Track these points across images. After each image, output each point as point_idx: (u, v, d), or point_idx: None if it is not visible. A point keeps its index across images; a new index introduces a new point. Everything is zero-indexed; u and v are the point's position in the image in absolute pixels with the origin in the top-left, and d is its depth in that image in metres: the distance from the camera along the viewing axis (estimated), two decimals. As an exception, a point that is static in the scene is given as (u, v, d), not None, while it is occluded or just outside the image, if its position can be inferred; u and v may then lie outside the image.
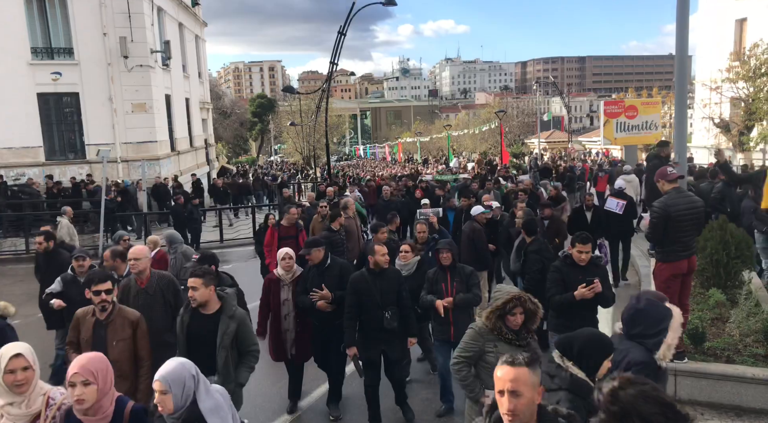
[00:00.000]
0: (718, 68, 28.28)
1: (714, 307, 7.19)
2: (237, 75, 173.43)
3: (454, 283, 5.92)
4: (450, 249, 6.00)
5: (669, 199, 5.83)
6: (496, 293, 4.29)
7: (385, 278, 5.86)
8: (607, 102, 29.73)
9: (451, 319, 5.87)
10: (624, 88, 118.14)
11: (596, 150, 45.15)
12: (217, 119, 47.23)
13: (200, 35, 32.50)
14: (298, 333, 6.34)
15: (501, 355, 3.68)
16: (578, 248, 5.54)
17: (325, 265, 6.21)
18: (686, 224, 5.79)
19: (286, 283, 6.32)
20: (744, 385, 5.68)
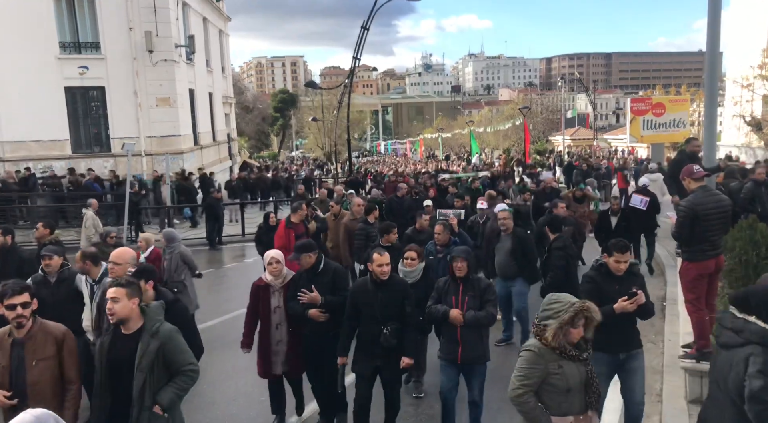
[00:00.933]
0: (750, 65, 27.64)
1: (742, 309, 7.00)
2: (259, 70, 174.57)
3: (466, 298, 5.29)
4: (466, 258, 5.35)
5: (696, 198, 5.69)
6: (554, 304, 3.69)
7: (390, 289, 5.28)
8: (633, 99, 29.21)
9: (459, 338, 5.29)
10: (651, 85, 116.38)
11: (622, 148, 44.51)
12: (240, 114, 47.60)
13: (224, 30, 32.73)
14: (291, 345, 5.75)
15: (567, 375, 3.57)
16: (615, 258, 4.95)
17: (317, 270, 5.71)
18: (714, 223, 5.65)
19: (276, 289, 5.78)
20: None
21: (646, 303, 4.88)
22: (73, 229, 17.13)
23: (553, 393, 3.61)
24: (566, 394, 3.59)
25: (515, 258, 7.67)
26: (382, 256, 5.24)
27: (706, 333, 5.81)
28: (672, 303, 8.69)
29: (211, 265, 14.66)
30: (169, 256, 8.19)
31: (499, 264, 7.86)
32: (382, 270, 5.22)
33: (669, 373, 6.37)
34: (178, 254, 8.21)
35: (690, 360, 5.89)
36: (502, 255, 7.74)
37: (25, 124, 20.80)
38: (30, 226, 18.33)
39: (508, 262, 7.72)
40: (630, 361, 4.98)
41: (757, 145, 29.06)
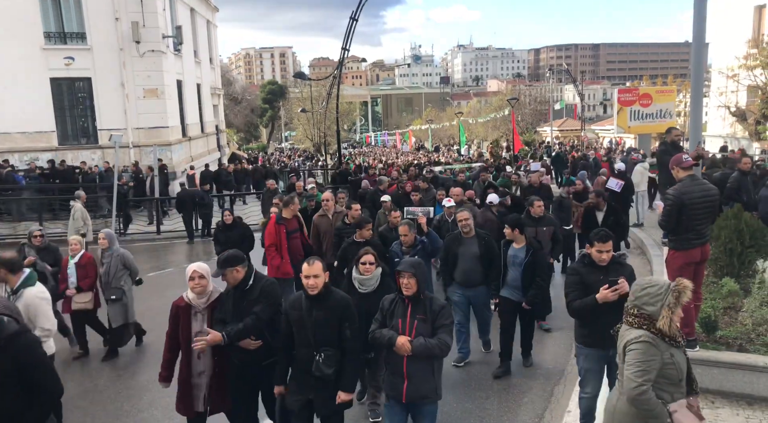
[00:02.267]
0: (735, 56, 27.87)
1: (727, 296, 7.13)
2: (248, 61, 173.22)
3: (416, 321, 4.38)
4: (414, 272, 4.36)
5: (683, 187, 5.76)
6: (650, 288, 3.41)
7: (325, 307, 4.39)
8: (621, 90, 29.41)
9: (405, 370, 4.36)
10: (638, 76, 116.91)
11: (609, 138, 44.77)
12: (228, 105, 47.34)
13: (212, 20, 32.46)
14: (216, 377, 4.81)
15: (679, 364, 3.35)
16: (597, 247, 4.90)
17: (246, 286, 4.76)
18: (700, 212, 5.72)
19: (199, 310, 4.78)
20: (756, 374, 5.65)
21: None
22: (61, 221, 17.02)
23: (667, 385, 3.38)
24: (678, 384, 3.41)
25: (482, 263, 6.88)
26: (311, 266, 4.36)
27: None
28: (658, 291, 8.81)
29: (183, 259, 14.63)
30: (108, 259, 7.61)
31: (462, 270, 6.97)
32: (309, 283, 4.36)
33: (655, 359, 6.48)
34: (119, 257, 7.62)
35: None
36: (467, 260, 6.90)
37: (10, 115, 20.60)
38: (13, 219, 18.21)
39: (473, 268, 6.88)
40: None
41: (741, 135, 29.36)
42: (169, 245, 16.46)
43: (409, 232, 6.84)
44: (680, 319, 5.38)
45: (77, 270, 7.71)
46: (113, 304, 7.75)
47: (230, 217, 9.86)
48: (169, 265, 13.59)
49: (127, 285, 7.85)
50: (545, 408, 6.13)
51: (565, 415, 5.79)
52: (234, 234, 9.71)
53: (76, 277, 7.69)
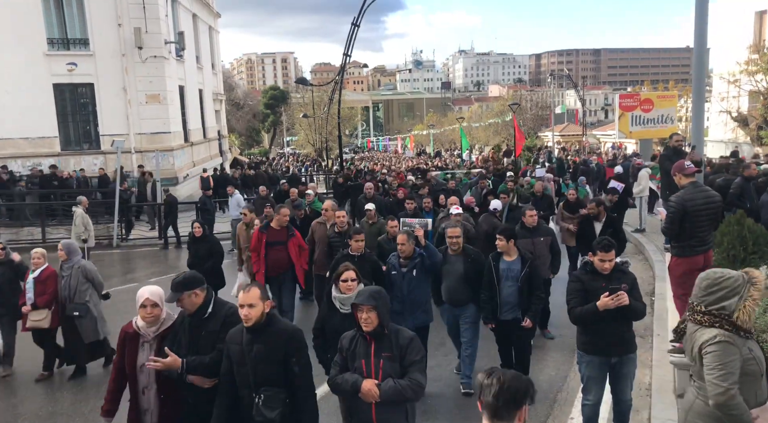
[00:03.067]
0: (736, 61, 27.89)
1: (730, 303, 7.10)
2: (250, 66, 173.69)
3: (381, 361, 3.74)
4: (375, 305, 3.71)
5: (686, 194, 5.76)
6: (725, 281, 3.18)
7: (265, 339, 3.73)
8: (622, 95, 29.41)
9: (374, 421, 3.77)
10: (639, 81, 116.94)
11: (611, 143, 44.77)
12: (230, 111, 47.47)
13: (214, 26, 32.56)
14: (163, 417, 4.22)
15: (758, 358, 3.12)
16: (600, 256, 4.87)
17: (204, 313, 4.12)
18: (703, 219, 5.72)
19: (147, 339, 4.22)
20: (760, 381, 5.62)
21: (632, 304, 4.69)
22: (63, 226, 17.03)
23: (750, 383, 3.16)
24: (760, 379, 3.20)
25: (467, 282, 6.45)
26: (246, 294, 3.72)
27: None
28: (660, 298, 8.79)
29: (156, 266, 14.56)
30: (68, 272, 7.05)
31: (447, 289, 6.60)
32: (242, 313, 3.72)
33: (658, 367, 6.46)
34: (80, 270, 7.06)
35: (678, 354, 5.96)
36: (452, 279, 6.51)
37: (13, 121, 20.66)
38: (15, 224, 18.23)
39: (460, 287, 6.47)
40: (622, 366, 4.97)
41: (743, 140, 29.34)
42: (171, 250, 16.48)
43: (408, 242, 6.33)
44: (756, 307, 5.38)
45: (36, 285, 7.20)
46: (80, 320, 7.25)
47: (199, 230, 9.21)
48: (170, 270, 13.59)
49: (92, 300, 7.31)
50: (548, 415, 6.11)
51: (568, 422, 5.77)
52: (202, 247, 9.16)
53: (34, 292, 7.17)
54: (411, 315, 6.24)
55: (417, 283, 6.28)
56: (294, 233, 8.57)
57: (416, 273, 6.26)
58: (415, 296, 6.30)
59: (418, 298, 6.32)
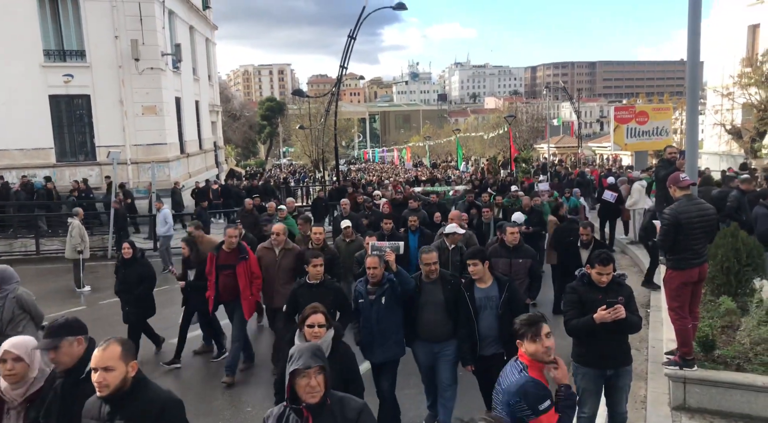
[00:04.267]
0: (729, 74, 28.10)
1: (724, 315, 7.11)
2: (246, 78, 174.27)
3: None
4: (323, 367, 2.91)
5: (680, 207, 5.76)
6: None
7: (129, 414, 2.92)
8: (617, 107, 29.55)
9: None
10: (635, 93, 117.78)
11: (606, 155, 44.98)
12: (227, 122, 47.54)
13: (210, 38, 32.69)
14: None
15: None
16: (597, 270, 4.85)
17: (82, 372, 3.28)
18: (697, 232, 5.71)
19: (13, 405, 3.45)
20: (754, 394, 5.62)
21: (628, 318, 4.65)
22: (57, 238, 16.96)
23: None
24: None
25: (449, 313, 5.63)
26: (103, 352, 2.91)
27: (688, 341, 5.90)
28: (656, 310, 8.80)
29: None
30: (1, 303, 6.17)
31: (425, 323, 5.67)
32: (94, 379, 2.91)
33: (653, 379, 6.45)
34: (14, 300, 6.16)
35: (673, 367, 5.96)
36: (431, 311, 5.66)
37: (8, 132, 20.64)
38: (9, 236, 18.14)
39: (440, 320, 5.61)
40: (618, 379, 4.95)
41: (737, 152, 29.50)
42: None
43: (379, 266, 5.66)
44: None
45: None
46: None
47: (129, 252, 8.20)
48: (164, 282, 13.52)
49: (28, 333, 6.34)
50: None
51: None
52: (131, 272, 8.25)
53: None
54: (381, 347, 5.72)
55: (387, 311, 5.65)
56: (246, 256, 7.56)
57: (386, 300, 5.63)
58: (386, 326, 5.68)
59: (388, 329, 5.69)
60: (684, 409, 5.85)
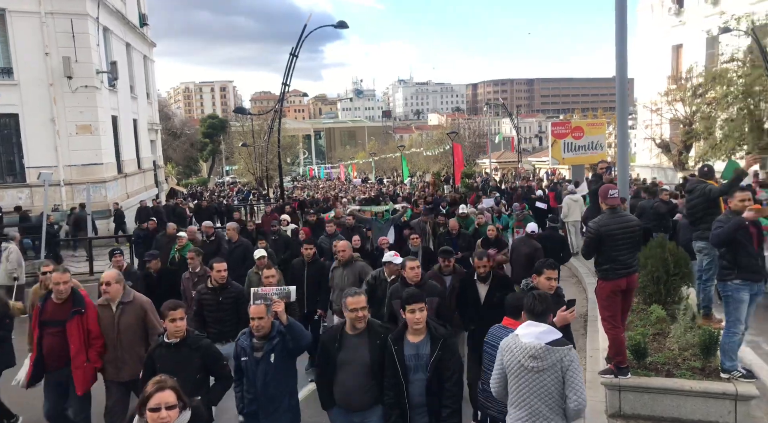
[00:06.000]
0: (657, 91, 29.58)
1: (656, 323, 7.42)
2: (187, 95, 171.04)
3: None
4: None
5: (602, 220, 6.08)
6: None
7: None
8: (554, 123, 30.56)
9: None
10: (571, 109, 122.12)
11: (545, 170, 46.35)
12: (167, 140, 46.48)
13: (149, 55, 31.96)
14: None
15: None
16: (546, 275, 5.09)
17: None
18: (621, 244, 6.00)
19: None
20: (683, 398, 5.87)
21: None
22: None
23: None
24: None
25: (375, 375, 4.52)
26: None
27: (622, 349, 6.12)
28: (593, 320, 9.06)
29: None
30: None
31: (344, 386, 4.58)
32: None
33: (590, 388, 6.61)
34: None
35: (608, 375, 6.16)
36: (351, 372, 4.53)
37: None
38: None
39: (363, 383, 4.54)
40: None
41: (667, 165, 31.00)
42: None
43: (266, 316, 4.75)
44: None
45: None
46: None
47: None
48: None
49: None
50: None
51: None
52: None
53: None
54: (269, 417, 4.74)
55: (277, 372, 4.70)
56: (82, 309, 5.77)
57: (276, 358, 4.68)
58: (275, 390, 4.74)
59: (279, 393, 4.76)
60: (620, 416, 6.04)
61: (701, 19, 29.63)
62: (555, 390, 3.74)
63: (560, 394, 3.74)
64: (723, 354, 6.05)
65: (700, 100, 26.54)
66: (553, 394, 3.75)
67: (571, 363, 3.70)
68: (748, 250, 5.96)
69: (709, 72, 26.33)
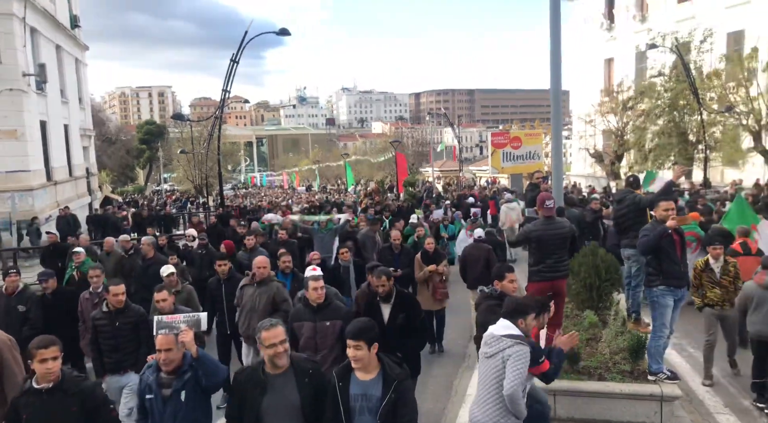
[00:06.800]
0: (591, 103, 30.76)
1: (588, 328, 7.66)
2: (123, 100, 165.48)
3: None
4: None
5: (536, 225, 6.65)
6: None
7: None
8: (494, 133, 31.31)
9: None
10: (510, 119, 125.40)
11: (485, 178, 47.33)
12: (101, 146, 44.77)
13: (81, 59, 30.74)
14: None
15: None
16: (509, 278, 5.33)
17: None
18: (551, 248, 6.51)
19: None
20: (614, 400, 6.08)
21: None
22: None
23: None
24: None
25: (306, 420, 3.90)
26: None
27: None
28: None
29: None
30: None
31: None
32: None
33: (527, 393, 6.79)
34: None
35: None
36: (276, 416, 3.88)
37: None
38: None
39: None
40: None
41: (600, 174, 32.22)
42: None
43: (176, 347, 4.11)
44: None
45: None
46: None
47: None
48: None
49: None
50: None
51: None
52: None
53: None
54: None
55: (188, 412, 4.10)
56: None
57: (187, 396, 4.12)
58: None
59: None
60: (555, 420, 6.18)
61: (631, 34, 31.10)
62: (495, 377, 4.09)
63: (499, 381, 4.06)
64: (650, 357, 6.32)
65: (630, 112, 27.77)
66: (492, 380, 4.11)
67: (511, 355, 4.03)
68: (672, 258, 6.26)
69: (638, 86, 27.62)
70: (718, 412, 6.57)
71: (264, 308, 6.58)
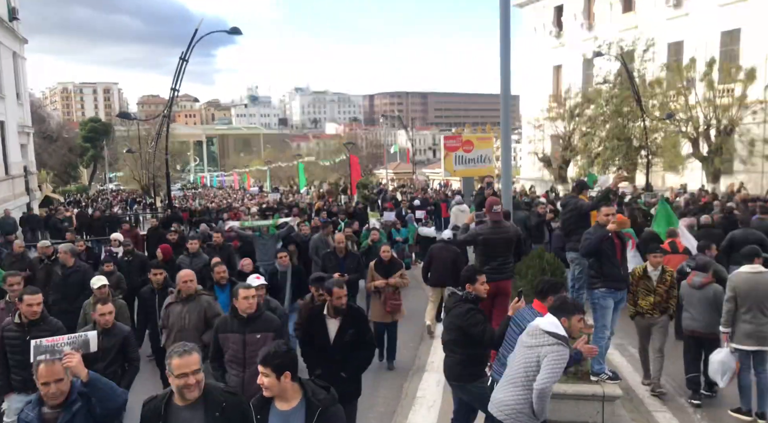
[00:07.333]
0: (540, 108, 31.47)
1: (534, 330, 7.80)
2: (66, 96, 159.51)
3: None
4: None
5: (481, 228, 6.98)
6: None
7: None
8: (446, 136, 31.41)
9: None
10: (462, 123, 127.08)
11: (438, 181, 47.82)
12: (41, 144, 42.96)
13: (19, 52, 29.48)
14: None
15: None
16: (481, 281, 5.41)
17: None
18: (496, 250, 6.81)
19: None
20: (559, 401, 6.17)
21: None
22: None
23: None
24: None
25: None
26: None
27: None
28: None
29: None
30: None
31: None
32: None
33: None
34: None
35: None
36: None
37: None
38: None
39: None
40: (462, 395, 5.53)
41: (549, 178, 32.99)
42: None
43: (66, 376, 3.57)
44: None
45: None
46: None
47: None
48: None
49: None
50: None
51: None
52: None
53: None
54: None
55: None
56: None
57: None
58: None
59: None
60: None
61: (579, 42, 31.98)
62: (524, 366, 4.29)
63: (531, 372, 4.25)
64: (592, 358, 6.47)
65: (578, 118, 28.55)
66: (521, 368, 4.32)
67: (549, 353, 4.17)
68: (612, 261, 6.43)
69: (585, 92, 28.43)
70: (657, 411, 6.79)
71: (195, 327, 5.85)
